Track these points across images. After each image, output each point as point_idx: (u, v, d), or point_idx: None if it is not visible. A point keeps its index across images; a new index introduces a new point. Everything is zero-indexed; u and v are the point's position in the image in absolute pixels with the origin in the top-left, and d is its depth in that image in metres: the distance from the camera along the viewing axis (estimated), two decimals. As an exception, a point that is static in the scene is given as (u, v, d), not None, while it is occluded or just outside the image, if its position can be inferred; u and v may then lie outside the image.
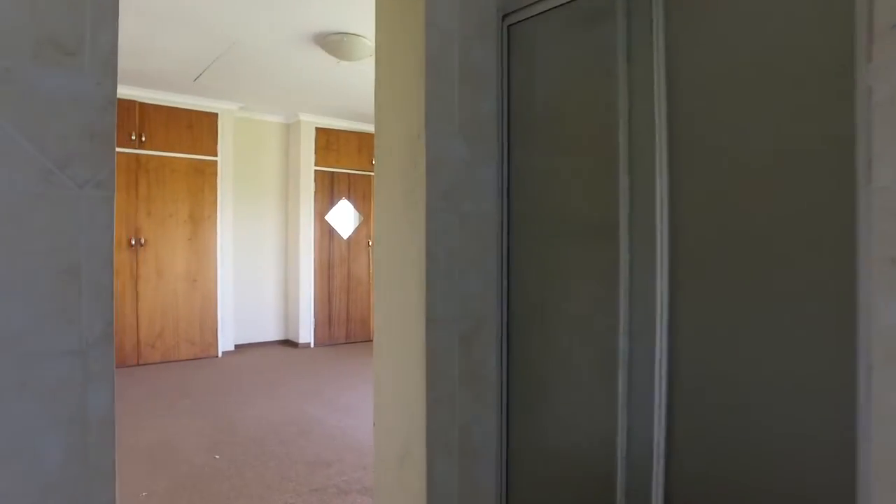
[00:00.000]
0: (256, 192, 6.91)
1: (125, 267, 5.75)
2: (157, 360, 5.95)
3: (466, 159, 1.97)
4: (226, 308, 6.36)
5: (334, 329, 7.11)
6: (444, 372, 1.96)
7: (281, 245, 7.11)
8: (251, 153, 6.85)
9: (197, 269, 6.16)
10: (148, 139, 5.88)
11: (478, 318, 2.04)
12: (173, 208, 6.02)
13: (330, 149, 7.04)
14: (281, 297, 7.11)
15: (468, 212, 2.00)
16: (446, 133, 1.95)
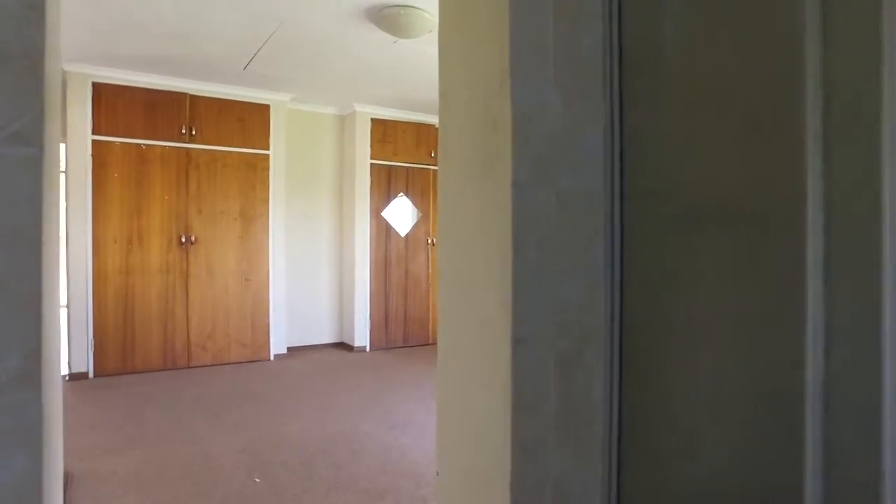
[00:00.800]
0: (310, 188, 6.60)
1: (176, 265, 5.52)
2: (208, 363, 5.69)
3: (564, 117, 1.43)
4: (278, 309, 6.06)
5: (391, 331, 6.72)
6: (534, 408, 1.44)
7: (335, 243, 6.78)
8: (304, 147, 6.54)
9: (248, 268, 5.88)
10: (198, 133, 5.63)
11: (580, 334, 1.50)
12: (224, 205, 5.75)
13: (386, 141, 6.65)
14: (335, 298, 6.77)
15: (567, 189, 1.47)
16: (537, 81, 1.42)
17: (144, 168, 5.40)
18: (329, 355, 6.31)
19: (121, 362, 5.33)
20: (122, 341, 5.34)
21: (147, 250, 5.41)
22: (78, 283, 5.18)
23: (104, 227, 5.26)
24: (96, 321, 5.23)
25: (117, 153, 5.31)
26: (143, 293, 5.40)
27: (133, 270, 5.36)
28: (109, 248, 5.28)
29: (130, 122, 5.36)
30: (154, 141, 5.44)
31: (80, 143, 5.19)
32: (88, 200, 5.20)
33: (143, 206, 5.40)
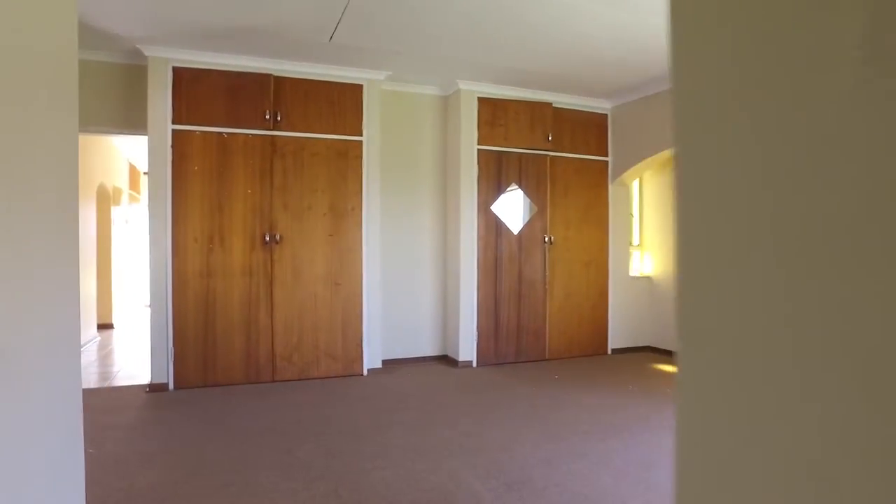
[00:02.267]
0: (408, 179, 5.81)
1: (259, 267, 4.92)
2: (294, 377, 5.05)
3: None
4: (373, 318, 5.32)
5: (501, 344, 5.78)
6: None
7: (437, 242, 5.95)
8: (401, 132, 5.77)
9: (339, 270, 5.18)
10: (284, 118, 5.00)
11: None
12: (312, 199, 5.09)
13: (496, 124, 5.72)
14: (437, 305, 5.94)
15: None
16: None
17: (226, 159, 4.85)
18: (430, 372, 5.48)
19: (201, 374, 4.80)
20: (203, 351, 4.80)
21: (229, 250, 4.85)
22: (158, 288, 4.71)
23: (184, 225, 4.75)
24: (176, 328, 4.73)
25: (197, 143, 4.79)
26: (225, 298, 4.85)
27: (214, 273, 4.82)
28: (190, 249, 4.76)
29: (211, 108, 4.82)
30: (236, 129, 4.88)
31: (160, 133, 4.72)
32: (168, 196, 4.71)
33: (225, 201, 4.84)
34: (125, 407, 4.30)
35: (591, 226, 6.23)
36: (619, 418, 3.97)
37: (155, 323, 4.72)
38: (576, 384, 4.97)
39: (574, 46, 4.61)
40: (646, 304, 6.57)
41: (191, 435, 3.65)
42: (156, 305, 4.71)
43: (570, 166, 6.08)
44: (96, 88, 4.90)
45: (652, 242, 6.61)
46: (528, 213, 5.88)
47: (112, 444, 3.47)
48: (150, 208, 4.73)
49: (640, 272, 6.71)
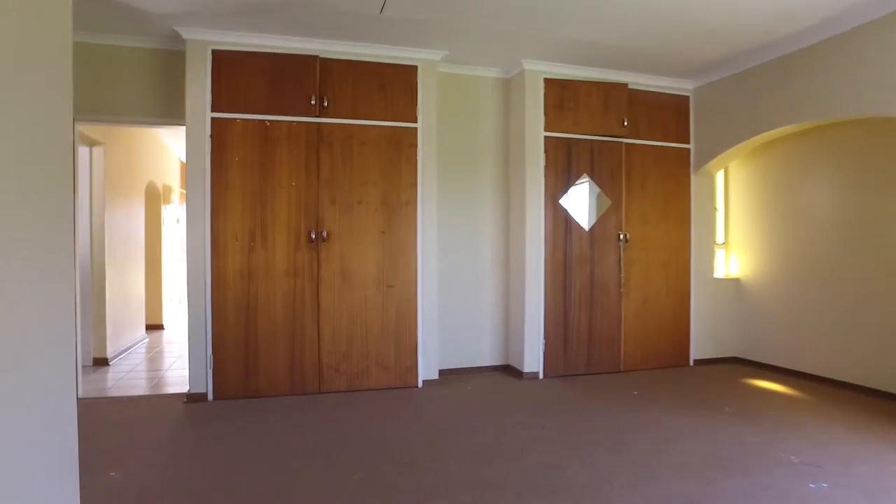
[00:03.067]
0: (466, 170, 5.28)
1: (305, 267, 4.48)
2: (342, 388, 4.59)
3: None
4: (429, 323, 4.80)
5: (571, 354, 5.17)
6: None
7: (499, 239, 5.39)
8: (459, 119, 5.23)
9: (392, 270, 4.69)
10: (331, 104, 4.55)
11: None
12: (362, 192, 4.62)
13: (565, 108, 5.12)
14: (499, 309, 5.38)
15: None
16: None
17: (269, 149, 4.43)
18: (491, 384, 4.92)
19: (242, 384, 4.40)
20: (244, 359, 4.40)
21: (271, 249, 4.43)
22: (196, 290, 4.32)
23: (224, 221, 4.36)
24: (215, 334, 4.34)
25: (238, 132, 4.38)
26: (268, 301, 4.43)
27: (256, 273, 4.40)
28: (230, 247, 4.36)
29: (253, 94, 4.41)
30: (280, 116, 4.45)
31: (199, 122, 4.34)
32: (207, 190, 4.32)
33: (268, 194, 4.42)
34: (160, 420, 3.92)
35: (670, 221, 5.54)
36: (723, 449, 3.31)
37: (193, 328, 4.34)
38: (660, 402, 4.32)
39: (660, 11, 3.96)
40: (732, 310, 5.82)
41: (225, 459, 3.21)
42: (194, 309, 4.33)
43: (647, 155, 5.41)
44: (134, 76, 4.57)
45: (740, 240, 5.85)
46: (601, 208, 5.25)
47: (138, 467, 3.06)
48: (187, 203, 4.35)
49: (726, 273, 5.96)
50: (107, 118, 4.63)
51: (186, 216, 4.36)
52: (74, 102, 4.37)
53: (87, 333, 5.71)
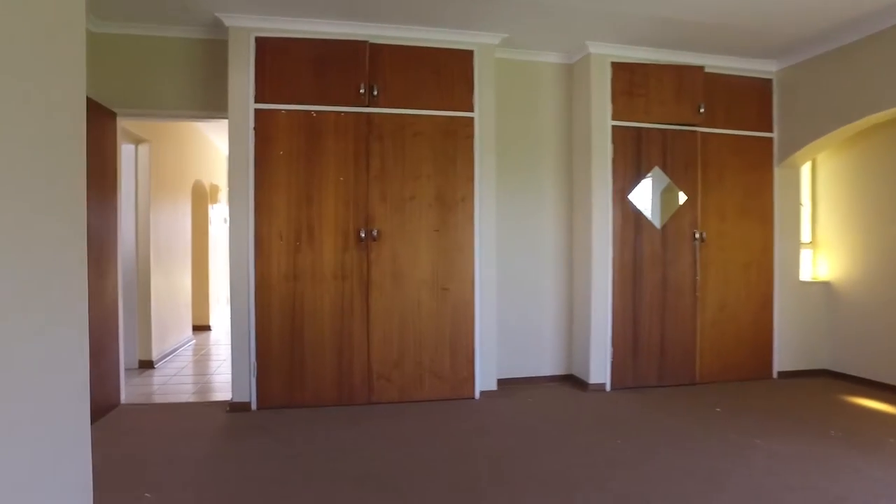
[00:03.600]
0: (527, 164, 4.88)
1: (354, 269, 4.16)
2: (394, 399, 4.26)
3: None
4: (487, 328, 4.42)
5: (641, 364, 4.71)
6: None
7: (562, 238, 4.97)
8: (517, 108, 4.84)
9: (447, 272, 4.33)
10: (382, 93, 4.22)
11: None
12: (415, 188, 4.27)
13: (634, 94, 4.66)
14: (561, 314, 4.96)
15: None
16: None
17: (315, 141, 4.13)
18: (555, 397, 4.51)
19: (287, 392, 4.11)
20: (289, 367, 4.11)
21: (318, 249, 4.13)
22: (239, 292, 4.06)
23: (268, 219, 4.08)
24: (259, 340, 4.07)
25: (283, 124, 4.10)
26: (314, 305, 4.13)
27: (302, 275, 4.11)
28: (274, 247, 4.09)
29: (298, 83, 4.12)
30: (327, 106, 4.15)
31: (242, 114, 4.07)
32: (250, 186, 4.06)
33: (314, 190, 4.13)
34: (200, 432, 3.66)
35: (751, 219, 5.01)
36: (841, 485, 2.82)
37: (236, 333, 4.08)
38: (749, 422, 3.82)
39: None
40: (822, 317, 5.23)
41: (269, 482, 2.90)
42: (237, 313, 4.07)
43: (725, 145, 4.90)
44: (175, 68, 4.35)
45: (829, 239, 5.26)
46: (674, 204, 4.76)
47: (175, 490, 2.79)
48: (230, 200, 4.09)
49: (814, 276, 5.38)
50: (149, 112, 4.43)
51: (229, 214, 4.11)
52: (116, 97, 4.07)
53: (133, 335, 5.55)
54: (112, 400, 4.19)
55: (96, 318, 3.92)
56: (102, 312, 4.03)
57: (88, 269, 3.87)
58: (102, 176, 4.08)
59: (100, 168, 4.04)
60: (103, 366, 4.03)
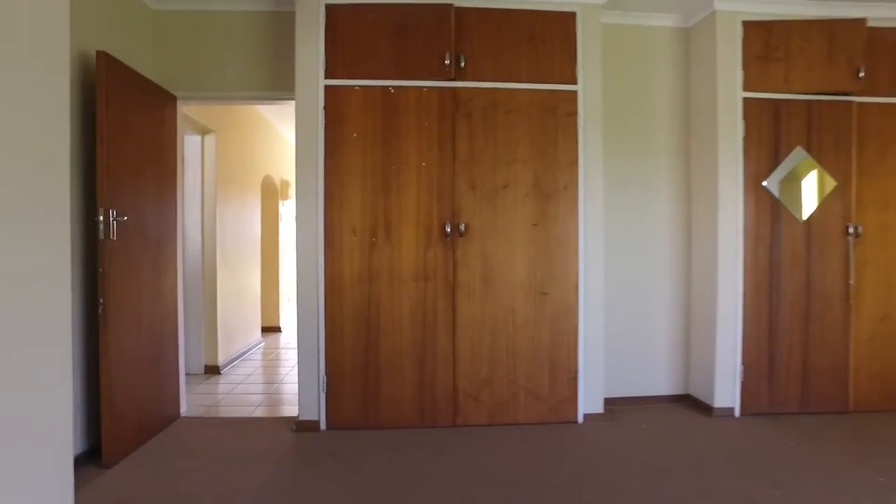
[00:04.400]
0: (635, 145, 4.16)
1: (437, 269, 3.57)
2: (482, 422, 3.64)
3: None
4: (593, 340, 3.73)
5: (779, 386, 3.89)
6: None
7: (678, 233, 4.21)
8: (626, 80, 4.13)
9: (546, 273, 3.67)
10: (469, 64, 3.61)
11: None
12: (509, 174, 3.64)
13: (771, 59, 3.85)
14: (678, 323, 4.21)
15: None
16: None
17: (393, 121, 3.57)
18: (673, 422, 3.77)
19: (360, 411, 3.57)
20: (363, 382, 3.57)
21: (397, 246, 3.57)
22: (307, 296, 3.55)
23: (339, 211, 3.55)
24: (329, 351, 3.55)
25: (356, 102, 3.56)
26: (392, 311, 3.57)
27: (378, 276, 3.56)
28: (346, 244, 3.55)
29: (374, 55, 3.58)
30: (407, 81, 3.58)
31: (310, 92, 3.56)
32: (319, 173, 3.54)
33: (392, 178, 3.57)
34: (261, 455, 3.16)
35: (916, 209, 4.09)
36: None
37: (303, 343, 3.57)
38: (941, 467, 2.98)
39: None
40: None
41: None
42: (304, 320, 3.56)
43: (891, 117, 3.99)
44: (238, 44, 3.92)
45: None
46: (822, 191, 3.91)
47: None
48: (297, 190, 3.59)
49: None
50: (211, 95, 4.00)
51: (296, 206, 3.61)
52: (177, 79, 3.56)
53: (198, 339, 5.19)
54: (171, 412, 3.77)
55: (153, 323, 3.50)
56: (160, 316, 3.61)
57: (145, 269, 3.47)
58: (160, 166, 3.66)
59: (157, 158, 3.63)
60: (161, 374, 3.62)
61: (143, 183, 3.42)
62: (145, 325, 3.40)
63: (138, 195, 3.34)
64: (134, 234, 3.26)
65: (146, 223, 3.43)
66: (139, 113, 3.39)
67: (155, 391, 3.53)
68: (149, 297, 3.45)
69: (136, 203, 3.31)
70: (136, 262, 3.29)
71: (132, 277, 3.25)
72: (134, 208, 3.26)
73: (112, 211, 3.01)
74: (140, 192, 3.36)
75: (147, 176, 3.47)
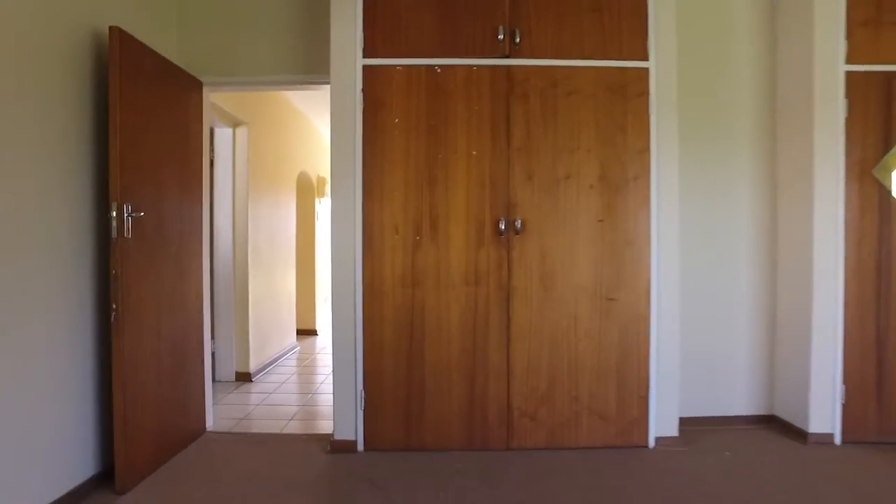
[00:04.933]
0: (712, 129, 3.67)
1: (490, 271, 3.15)
2: (540, 445, 3.20)
3: None
4: (666, 353, 3.25)
5: (890, 409, 3.34)
6: None
7: (762, 229, 3.70)
8: (702, 55, 3.64)
9: (614, 276, 3.21)
10: (525, 38, 3.18)
11: None
12: (571, 163, 3.20)
13: (883, 22, 3.30)
14: (761, 334, 3.69)
15: None
16: None
17: (440, 104, 3.16)
18: (761, 448, 3.26)
19: (402, 431, 3.18)
20: (406, 398, 3.17)
21: (444, 245, 3.16)
22: (343, 301, 3.17)
23: (379, 206, 3.16)
24: (368, 362, 3.17)
25: (398, 84, 3.17)
26: (438, 319, 3.16)
27: (423, 279, 3.16)
28: (387, 242, 3.16)
29: (418, 30, 3.18)
30: (455, 59, 3.17)
31: (347, 72, 3.18)
32: (357, 164, 3.16)
33: (439, 168, 3.16)
34: (291, 484, 2.78)
35: None
36: None
37: (338, 353, 3.19)
38: None
39: None
40: None
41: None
42: (339, 327, 3.18)
43: None
44: (269, 23, 3.57)
45: None
46: (937, 181, 3.36)
47: None
48: (332, 183, 3.21)
49: None
50: (241, 80, 3.65)
51: (331, 200, 3.23)
52: (203, 63, 3.18)
53: (228, 344, 4.88)
54: (195, 426, 3.44)
55: (175, 330, 3.17)
56: (183, 322, 3.28)
57: (165, 271, 3.13)
58: (184, 158, 3.34)
59: (181, 149, 3.30)
60: (184, 386, 3.29)
61: (164, 176, 3.09)
62: (166, 332, 3.07)
63: (158, 189, 3.01)
64: (152, 232, 2.93)
65: (167, 220, 3.10)
66: (160, 98, 3.06)
67: (177, 405, 3.20)
68: (170, 302, 3.12)
69: (156, 198, 2.97)
70: (154, 263, 2.96)
71: (150, 279, 2.91)
72: (152, 204, 2.93)
73: (127, 206, 2.68)
74: (160, 186, 3.03)
75: (169, 169, 3.14)
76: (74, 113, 2.62)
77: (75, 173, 2.62)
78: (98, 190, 2.76)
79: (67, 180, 2.57)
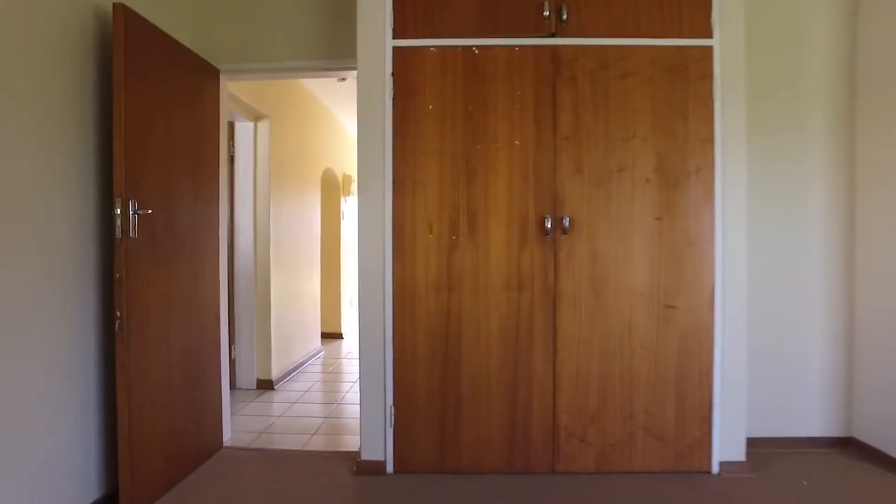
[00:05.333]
0: (782, 116, 3.28)
1: (535, 274, 2.83)
2: (589, 469, 2.86)
3: None
4: (732, 368, 2.89)
5: None
6: None
7: (838, 229, 3.30)
8: (770, 33, 3.26)
9: (673, 280, 2.86)
10: (573, 15, 2.85)
11: None
12: (625, 154, 2.86)
13: (984, -7, 2.91)
14: (837, 345, 3.29)
15: None
16: None
17: (478, 89, 2.85)
18: (842, 477, 2.87)
19: (436, 452, 2.87)
20: (440, 415, 2.86)
21: (484, 245, 2.84)
22: (371, 306, 2.88)
23: (411, 202, 2.86)
24: (398, 375, 2.86)
25: (432, 66, 2.86)
26: (476, 327, 2.85)
27: (459, 283, 2.84)
28: (420, 242, 2.86)
29: (454, 7, 2.87)
30: (495, 38, 2.85)
31: (375, 55, 2.88)
32: (387, 155, 2.86)
33: (478, 160, 2.85)
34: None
35: None
36: None
37: (366, 363, 2.90)
38: None
39: None
40: None
41: None
42: (366, 335, 2.89)
43: None
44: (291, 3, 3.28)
45: None
46: None
47: None
48: (359, 176, 2.91)
49: None
50: (261, 68, 3.38)
51: (358, 195, 2.93)
52: (219, 48, 2.93)
53: (249, 350, 4.63)
54: (211, 442, 3.18)
55: (188, 338, 2.91)
56: (197, 330, 3.01)
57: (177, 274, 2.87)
58: (199, 152, 3.07)
59: (195, 141, 3.04)
60: (199, 399, 3.03)
61: (176, 171, 2.82)
62: (178, 340, 2.80)
63: (169, 185, 2.74)
64: (162, 232, 2.67)
65: (179, 219, 2.84)
66: (172, 85, 2.80)
67: (190, 420, 2.94)
68: (183, 307, 2.86)
69: (166, 194, 2.71)
70: (165, 265, 2.69)
71: (160, 283, 2.65)
72: (162, 200, 2.67)
73: (132, 202, 2.42)
74: (171, 181, 2.77)
75: (181, 162, 2.88)
76: (75, 100, 2.37)
77: (77, 167, 2.37)
78: (103, 186, 2.51)
79: (68, 174, 2.31)
